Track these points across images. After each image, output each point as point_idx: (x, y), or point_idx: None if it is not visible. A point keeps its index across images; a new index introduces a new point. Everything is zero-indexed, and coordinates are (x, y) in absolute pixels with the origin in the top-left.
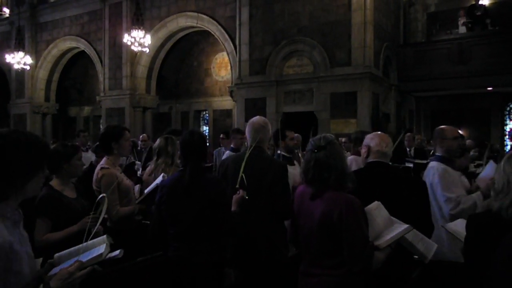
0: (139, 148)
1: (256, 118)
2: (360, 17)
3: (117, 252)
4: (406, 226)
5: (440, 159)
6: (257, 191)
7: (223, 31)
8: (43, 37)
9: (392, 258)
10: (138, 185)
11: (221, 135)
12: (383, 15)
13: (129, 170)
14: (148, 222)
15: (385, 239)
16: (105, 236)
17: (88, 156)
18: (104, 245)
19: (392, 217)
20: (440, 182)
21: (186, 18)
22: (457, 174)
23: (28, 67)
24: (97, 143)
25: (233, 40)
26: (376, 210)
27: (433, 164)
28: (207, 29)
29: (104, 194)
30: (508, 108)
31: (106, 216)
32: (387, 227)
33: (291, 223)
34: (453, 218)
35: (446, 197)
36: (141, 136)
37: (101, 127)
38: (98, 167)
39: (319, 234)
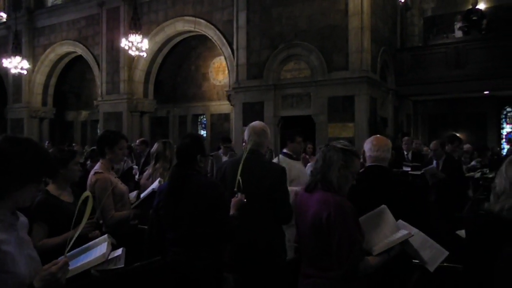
0: (138, 151)
1: (257, 123)
2: (357, 22)
3: (119, 251)
4: (406, 232)
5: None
6: (255, 195)
7: (220, 35)
8: (40, 41)
9: (391, 262)
10: (136, 191)
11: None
12: (380, 20)
13: (127, 175)
14: (145, 227)
15: (381, 244)
16: (106, 235)
17: None
18: (106, 243)
19: (402, 223)
20: None
21: (184, 22)
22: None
23: (25, 72)
24: (92, 148)
25: (230, 44)
26: (381, 215)
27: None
28: (205, 33)
29: (88, 192)
30: (504, 112)
31: (101, 221)
32: (392, 232)
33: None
34: None
35: None
36: (137, 141)
37: (98, 131)
38: (92, 171)
39: (311, 236)
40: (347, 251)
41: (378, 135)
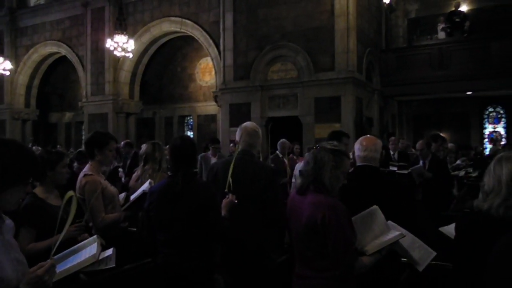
0: (123, 153)
1: (249, 123)
2: (343, 23)
3: (110, 251)
4: (398, 233)
5: None
6: (248, 196)
7: (207, 36)
8: (23, 42)
9: (381, 261)
10: (124, 193)
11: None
12: (365, 21)
13: (113, 176)
14: (135, 229)
15: (374, 244)
16: (95, 236)
17: None
18: (95, 244)
19: (391, 223)
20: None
21: (170, 23)
22: None
23: (7, 73)
24: (79, 149)
25: (217, 46)
26: (373, 215)
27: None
28: (191, 34)
29: (72, 191)
30: (486, 112)
31: (91, 224)
32: (383, 232)
33: (286, 227)
34: None
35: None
36: (122, 143)
37: (83, 133)
38: (81, 174)
39: (306, 237)
40: (342, 252)
41: (368, 135)
